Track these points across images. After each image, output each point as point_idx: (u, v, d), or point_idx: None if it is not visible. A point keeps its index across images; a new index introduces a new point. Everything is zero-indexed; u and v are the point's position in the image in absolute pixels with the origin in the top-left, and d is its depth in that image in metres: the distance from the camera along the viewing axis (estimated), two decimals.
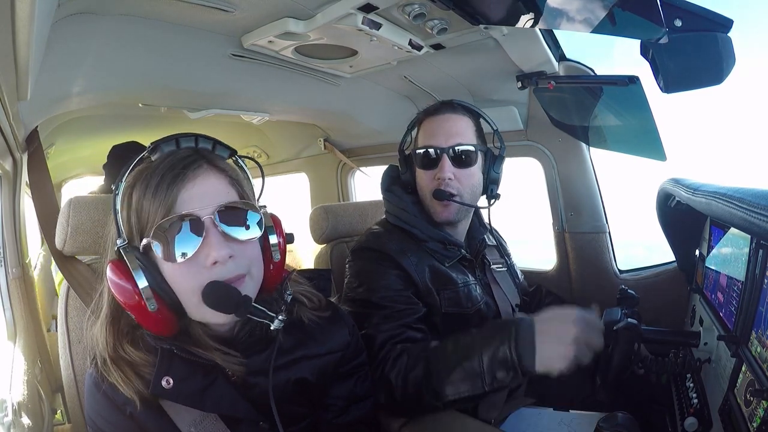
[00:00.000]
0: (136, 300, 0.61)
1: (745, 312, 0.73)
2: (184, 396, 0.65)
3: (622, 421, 0.73)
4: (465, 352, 0.83)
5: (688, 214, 1.03)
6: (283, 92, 1.54)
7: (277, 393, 0.71)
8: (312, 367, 0.77)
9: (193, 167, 0.64)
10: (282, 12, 1.01)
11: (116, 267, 0.61)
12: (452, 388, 0.82)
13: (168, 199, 0.62)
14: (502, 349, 0.79)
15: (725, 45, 0.79)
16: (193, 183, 0.63)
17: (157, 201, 0.62)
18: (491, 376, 0.80)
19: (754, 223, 0.56)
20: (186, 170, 0.63)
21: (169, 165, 0.64)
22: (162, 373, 0.64)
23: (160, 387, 0.64)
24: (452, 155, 1.05)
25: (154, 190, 0.62)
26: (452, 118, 1.09)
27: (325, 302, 0.85)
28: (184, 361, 0.66)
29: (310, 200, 2.49)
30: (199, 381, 0.66)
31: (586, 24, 0.83)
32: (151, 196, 0.62)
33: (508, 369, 0.78)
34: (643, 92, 1.11)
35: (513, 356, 0.78)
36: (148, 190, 0.62)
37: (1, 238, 1.15)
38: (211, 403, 0.67)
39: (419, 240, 1.10)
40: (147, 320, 0.63)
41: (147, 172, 0.64)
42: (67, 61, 1.01)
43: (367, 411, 0.86)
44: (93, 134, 2.12)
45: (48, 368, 1.22)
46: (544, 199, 1.63)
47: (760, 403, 0.59)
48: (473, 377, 0.81)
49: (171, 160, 0.65)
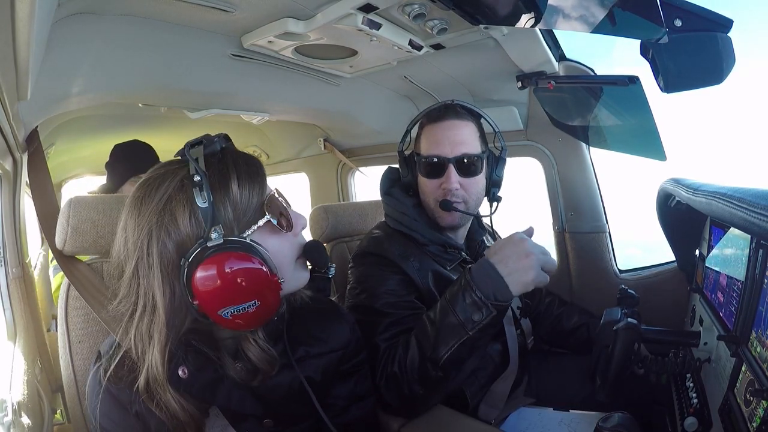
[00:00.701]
0: (271, 281, 0.62)
1: (745, 312, 0.73)
2: (198, 387, 0.66)
3: (622, 421, 0.73)
4: (441, 315, 0.87)
5: (688, 214, 1.03)
6: (283, 92, 1.54)
7: (283, 392, 0.72)
8: (316, 366, 0.77)
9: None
10: (282, 12, 1.01)
11: (231, 256, 0.60)
12: (443, 346, 0.85)
13: (261, 182, 0.66)
14: (467, 296, 0.84)
15: (725, 45, 0.79)
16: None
17: (255, 186, 0.65)
18: (469, 321, 0.84)
19: (754, 223, 0.57)
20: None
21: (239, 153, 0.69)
22: (179, 362, 0.64)
23: (176, 376, 0.64)
24: (458, 165, 1.05)
25: (248, 174, 0.65)
26: (456, 124, 1.07)
27: (325, 301, 0.85)
28: (198, 353, 0.66)
29: (310, 200, 2.49)
30: (211, 374, 0.67)
31: (586, 24, 0.83)
32: (248, 182, 0.64)
33: (480, 308, 0.83)
34: (643, 92, 1.11)
35: (479, 296, 0.83)
36: (243, 178, 0.64)
37: (1, 238, 1.15)
38: (222, 397, 0.67)
39: (420, 244, 1.10)
40: (266, 311, 0.64)
41: (230, 163, 0.65)
42: (67, 61, 1.00)
43: (367, 411, 0.86)
44: (93, 134, 2.11)
45: (48, 368, 1.22)
46: (544, 199, 1.63)
47: (759, 403, 0.59)
48: (456, 329, 0.85)
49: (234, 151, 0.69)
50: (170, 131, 2.10)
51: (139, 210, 0.62)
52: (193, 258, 0.59)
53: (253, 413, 0.70)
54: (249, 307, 0.61)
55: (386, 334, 0.96)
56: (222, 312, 0.60)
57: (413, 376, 0.88)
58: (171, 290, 0.61)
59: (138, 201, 0.63)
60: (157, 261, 0.60)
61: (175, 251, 0.61)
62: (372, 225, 1.29)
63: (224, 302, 0.60)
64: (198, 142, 0.66)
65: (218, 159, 0.65)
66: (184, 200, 0.61)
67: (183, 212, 0.61)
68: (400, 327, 0.97)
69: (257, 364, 0.67)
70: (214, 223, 0.60)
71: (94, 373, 0.68)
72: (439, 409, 0.97)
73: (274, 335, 0.73)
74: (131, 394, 0.64)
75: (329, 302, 0.88)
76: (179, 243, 0.61)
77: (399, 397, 0.90)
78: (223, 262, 0.59)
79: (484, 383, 1.11)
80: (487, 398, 1.10)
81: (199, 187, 0.61)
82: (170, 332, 0.62)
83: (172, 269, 0.61)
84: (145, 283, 0.61)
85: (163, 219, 0.61)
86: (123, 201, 0.95)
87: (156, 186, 0.63)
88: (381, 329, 0.97)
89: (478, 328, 0.83)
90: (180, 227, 0.61)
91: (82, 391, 0.92)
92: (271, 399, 0.71)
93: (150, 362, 0.62)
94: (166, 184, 0.62)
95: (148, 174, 0.66)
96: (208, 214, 0.60)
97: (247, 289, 0.60)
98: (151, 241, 0.60)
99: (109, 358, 0.67)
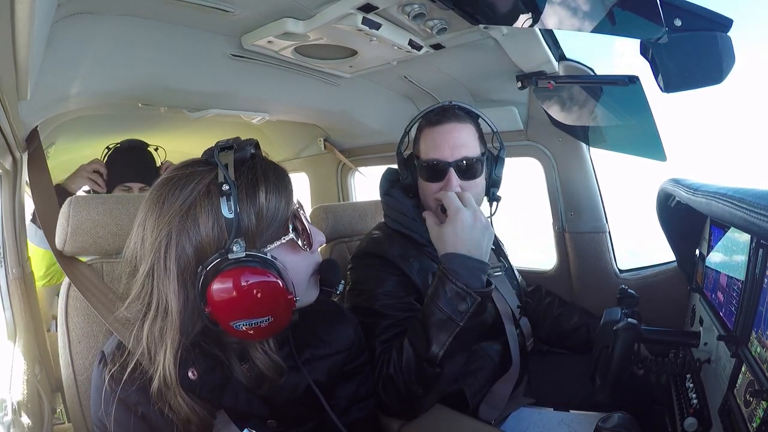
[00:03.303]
0: (286, 298, 0.61)
1: (745, 312, 0.73)
2: (206, 388, 0.66)
3: (622, 421, 0.73)
4: (427, 313, 0.88)
5: (688, 214, 1.03)
6: (283, 92, 1.54)
7: (288, 394, 0.72)
8: (322, 368, 0.77)
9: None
10: (281, 12, 1.01)
11: (250, 271, 0.58)
12: (436, 344, 0.86)
13: (288, 196, 0.65)
14: (448, 288, 0.86)
15: (725, 44, 0.79)
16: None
17: (282, 200, 0.63)
18: (457, 313, 0.85)
19: (754, 223, 0.56)
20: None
21: (268, 161, 0.67)
22: (188, 364, 0.64)
23: (186, 378, 0.63)
24: (458, 168, 1.04)
25: (276, 186, 0.63)
26: (456, 127, 1.07)
27: (329, 303, 0.85)
28: (207, 356, 0.66)
29: (310, 200, 2.50)
30: (219, 376, 0.67)
31: (586, 24, 0.83)
32: (275, 195, 0.63)
33: (463, 298, 0.85)
34: (643, 92, 1.11)
35: (459, 286, 0.85)
36: (271, 191, 0.62)
37: (1, 238, 1.15)
38: (229, 398, 0.67)
39: (419, 244, 1.10)
40: (278, 326, 0.63)
41: (260, 174, 0.63)
42: (67, 61, 1.00)
43: (368, 411, 0.86)
44: (93, 134, 2.11)
45: (48, 368, 1.22)
46: (544, 199, 1.63)
47: (759, 404, 0.59)
48: (445, 323, 0.86)
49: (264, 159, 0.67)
50: (170, 131, 2.10)
51: (160, 209, 0.60)
52: (211, 267, 0.58)
53: (259, 414, 0.70)
54: (262, 322, 0.60)
55: (383, 336, 0.96)
56: (234, 324, 0.60)
57: (410, 377, 0.88)
58: (185, 296, 0.61)
59: (160, 200, 0.61)
60: (174, 265, 0.59)
61: (193, 257, 0.60)
62: (372, 225, 1.29)
63: (238, 315, 0.59)
64: (229, 146, 0.64)
65: (248, 167, 0.63)
66: (209, 207, 0.59)
67: (207, 219, 0.59)
68: (397, 329, 0.97)
69: (264, 371, 0.67)
70: (237, 234, 0.59)
71: (99, 374, 0.68)
72: (439, 409, 0.97)
73: (280, 339, 0.73)
74: (137, 397, 0.64)
75: (333, 304, 0.88)
76: (199, 249, 0.60)
77: (397, 398, 0.90)
78: (242, 275, 0.58)
79: (485, 383, 1.11)
80: (488, 398, 1.10)
81: (227, 197, 0.59)
82: (182, 336, 0.61)
83: (188, 275, 0.60)
84: (160, 285, 0.60)
85: (185, 222, 0.59)
86: (123, 201, 0.96)
87: (181, 187, 0.61)
88: (378, 331, 0.97)
89: (467, 317, 0.84)
90: (202, 233, 0.59)
91: (82, 391, 0.92)
92: (276, 400, 0.71)
93: (162, 366, 0.61)
94: (192, 186, 0.61)
95: (172, 172, 0.64)
96: (232, 224, 0.59)
97: (262, 305, 0.60)
98: (170, 243, 0.59)
99: (115, 360, 0.66)
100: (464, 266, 0.86)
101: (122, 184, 1.59)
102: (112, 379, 0.65)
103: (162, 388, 0.62)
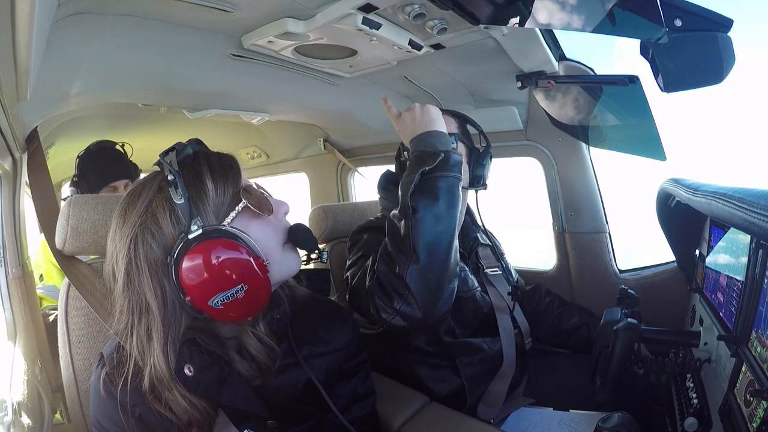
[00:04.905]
0: (256, 269, 0.62)
1: (745, 312, 0.73)
2: (204, 385, 0.66)
3: (622, 421, 0.73)
4: (402, 190, 0.93)
5: (688, 214, 1.03)
6: (283, 92, 1.54)
7: (287, 392, 0.72)
8: (320, 366, 0.78)
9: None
10: (282, 12, 1.01)
11: (211, 244, 0.61)
12: (406, 193, 0.91)
13: (234, 175, 0.68)
14: (412, 156, 0.96)
15: (725, 44, 0.79)
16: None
17: (229, 178, 0.67)
18: (423, 165, 0.92)
19: (754, 223, 0.57)
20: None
21: (212, 152, 0.71)
22: (184, 360, 0.64)
23: (182, 374, 0.64)
24: None
25: (221, 167, 0.67)
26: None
27: (326, 302, 0.85)
28: (203, 352, 0.66)
29: (310, 200, 2.49)
30: (217, 373, 0.67)
31: (586, 24, 0.83)
32: (221, 175, 0.67)
33: (431, 155, 0.93)
34: (643, 92, 1.11)
35: (424, 148, 0.95)
36: (216, 171, 0.66)
37: (1, 238, 1.15)
38: (227, 396, 0.67)
39: None
40: (256, 297, 0.64)
41: (202, 162, 0.67)
42: (67, 61, 1.00)
43: (367, 410, 0.86)
44: (93, 134, 2.11)
45: (48, 368, 1.22)
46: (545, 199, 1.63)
47: (760, 404, 0.59)
48: (412, 178, 0.91)
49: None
50: (170, 131, 2.10)
51: (124, 220, 0.64)
52: (177, 253, 0.61)
53: (258, 413, 0.70)
54: (237, 292, 0.61)
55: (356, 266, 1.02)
56: (212, 302, 0.61)
57: (388, 274, 0.90)
58: (161, 289, 0.62)
59: (123, 212, 0.65)
60: (144, 263, 0.62)
61: (161, 251, 0.62)
62: None
63: (211, 290, 0.61)
64: (171, 149, 0.68)
65: (191, 159, 0.67)
66: (163, 200, 0.63)
67: (163, 212, 0.63)
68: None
69: (257, 358, 0.68)
70: (193, 216, 0.62)
71: (97, 376, 0.68)
72: (439, 408, 0.97)
73: (279, 334, 0.73)
74: (135, 398, 0.64)
75: (330, 303, 0.88)
76: (164, 243, 0.63)
77: (378, 308, 0.91)
78: (204, 250, 0.60)
79: (482, 378, 1.11)
80: (485, 398, 1.10)
81: (174, 186, 0.63)
82: (168, 331, 0.63)
83: (160, 269, 0.62)
84: (138, 286, 0.62)
85: (145, 222, 0.63)
86: None
87: (137, 194, 0.65)
88: (361, 263, 1.03)
89: (435, 165, 0.91)
90: (162, 227, 0.63)
91: (82, 391, 0.92)
92: (275, 399, 0.71)
93: (152, 362, 0.62)
94: (146, 190, 0.65)
95: (133, 186, 0.69)
96: (186, 209, 0.62)
97: (231, 273, 0.61)
98: (137, 245, 0.62)
99: (112, 361, 0.67)
100: (427, 141, 0.96)
101: (107, 185, 1.60)
102: (110, 381, 0.66)
103: (154, 382, 0.63)
